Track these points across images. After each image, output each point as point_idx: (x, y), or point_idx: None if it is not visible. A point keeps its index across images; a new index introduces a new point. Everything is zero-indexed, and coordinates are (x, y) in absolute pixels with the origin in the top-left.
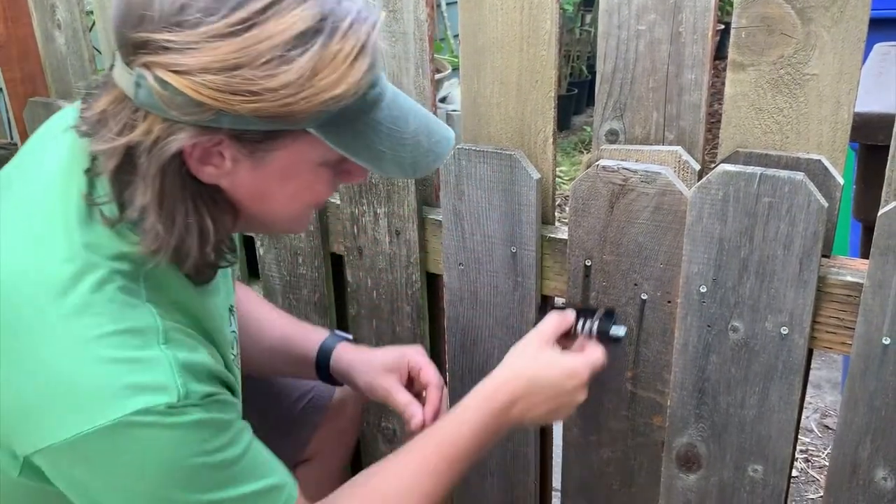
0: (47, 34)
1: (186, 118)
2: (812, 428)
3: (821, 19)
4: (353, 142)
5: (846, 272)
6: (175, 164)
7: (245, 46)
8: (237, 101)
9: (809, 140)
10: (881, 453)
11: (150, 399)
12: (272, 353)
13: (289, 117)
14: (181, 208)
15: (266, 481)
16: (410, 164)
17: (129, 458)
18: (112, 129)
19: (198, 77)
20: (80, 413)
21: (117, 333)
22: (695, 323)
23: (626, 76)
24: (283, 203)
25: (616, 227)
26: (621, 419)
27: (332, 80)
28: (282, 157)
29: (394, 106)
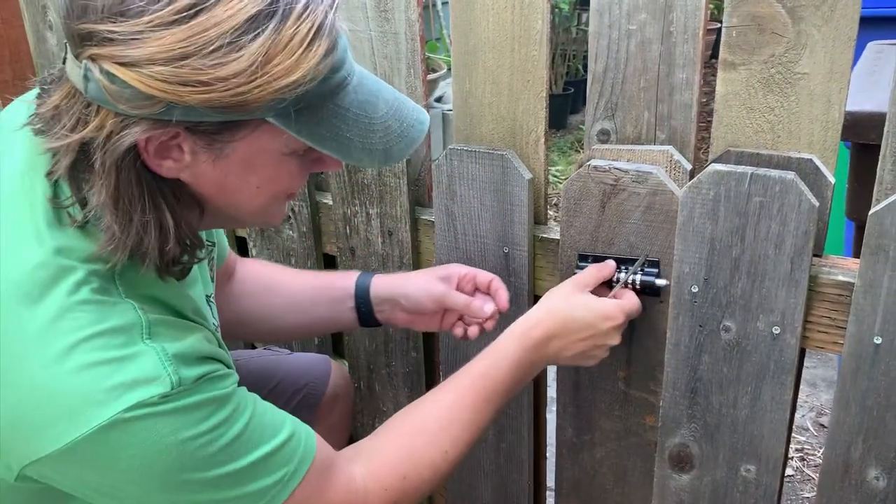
0: (39, 35)
1: (137, 112)
2: (808, 426)
3: (811, 18)
4: (316, 129)
5: (838, 271)
6: (130, 160)
7: (192, 34)
8: (187, 93)
9: (801, 139)
10: (873, 453)
11: (142, 393)
12: (308, 301)
13: (243, 107)
14: (138, 205)
15: (278, 438)
16: (382, 152)
17: (133, 452)
18: (65, 126)
19: (145, 69)
20: (71, 420)
21: (98, 335)
22: (687, 323)
23: (617, 76)
24: (248, 195)
25: (608, 227)
26: (614, 419)
27: (287, 66)
28: (242, 149)
29: (361, 90)
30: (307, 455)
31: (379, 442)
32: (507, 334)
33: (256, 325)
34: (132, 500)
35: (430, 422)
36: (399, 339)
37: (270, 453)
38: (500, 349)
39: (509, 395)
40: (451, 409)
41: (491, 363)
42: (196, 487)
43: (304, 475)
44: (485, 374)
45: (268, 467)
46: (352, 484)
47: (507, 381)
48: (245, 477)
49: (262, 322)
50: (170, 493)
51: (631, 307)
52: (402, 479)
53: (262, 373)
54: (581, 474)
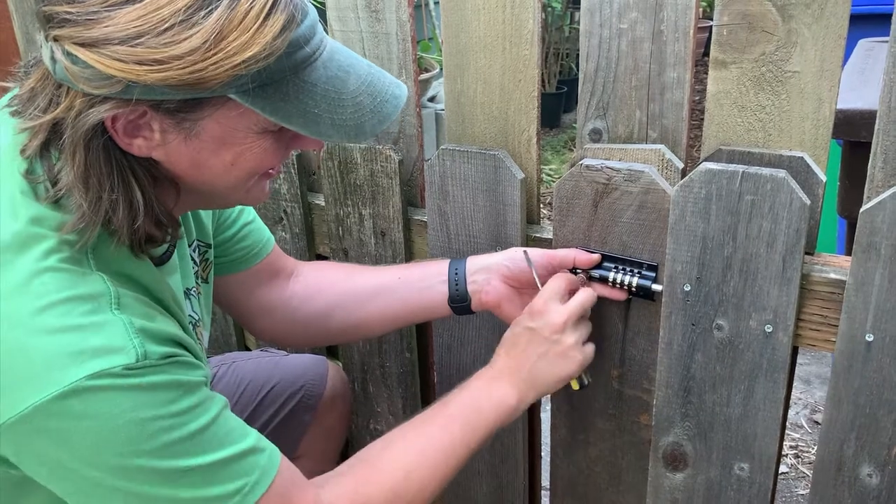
0: (28, 37)
1: (99, 91)
2: (802, 424)
3: (801, 16)
4: (282, 106)
5: (829, 269)
6: (98, 139)
7: (146, 13)
8: (144, 72)
9: (792, 137)
10: (866, 450)
11: (104, 362)
12: (394, 281)
13: (200, 84)
14: (107, 183)
15: (242, 445)
16: (353, 127)
17: (90, 423)
18: (38, 107)
19: (102, 48)
20: (31, 384)
21: (65, 301)
22: (679, 321)
23: (608, 75)
24: (222, 172)
25: (600, 226)
26: (608, 418)
27: (242, 42)
28: (212, 127)
29: (331, 64)
30: (269, 469)
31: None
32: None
33: (336, 319)
34: (86, 485)
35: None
36: (393, 340)
37: (231, 458)
38: (463, 384)
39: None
40: (412, 438)
41: (453, 395)
42: (151, 478)
43: (266, 490)
44: (446, 403)
45: (228, 473)
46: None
47: (469, 412)
48: (203, 477)
49: (343, 312)
50: (124, 479)
51: (576, 303)
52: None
53: (260, 374)
54: (576, 474)
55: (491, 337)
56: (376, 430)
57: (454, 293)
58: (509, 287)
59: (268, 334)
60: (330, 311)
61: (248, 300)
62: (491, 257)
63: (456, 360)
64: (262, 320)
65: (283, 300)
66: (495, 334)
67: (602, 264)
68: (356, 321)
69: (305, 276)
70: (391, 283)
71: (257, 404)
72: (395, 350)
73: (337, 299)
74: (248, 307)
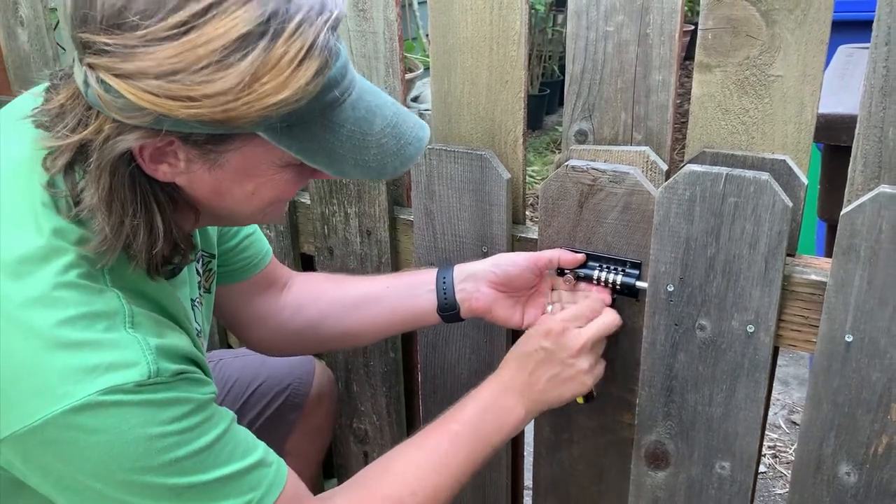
0: (9, 31)
1: (129, 121)
2: (780, 424)
3: (785, 21)
4: (308, 144)
5: (811, 271)
6: (124, 164)
7: (183, 51)
8: (176, 107)
9: (775, 140)
10: (845, 449)
11: (117, 377)
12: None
13: (230, 122)
14: (130, 208)
15: (249, 459)
16: (375, 168)
17: (100, 438)
18: (67, 125)
19: (137, 81)
20: (44, 396)
21: (81, 317)
22: (662, 321)
23: (594, 77)
24: (244, 200)
25: (585, 227)
26: (591, 417)
27: (275, 85)
28: (236, 159)
29: (359, 105)
30: (277, 483)
31: (348, 487)
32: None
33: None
34: (91, 497)
35: (394, 464)
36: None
37: (239, 473)
38: (471, 393)
39: (483, 440)
40: (415, 452)
41: (458, 406)
42: (158, 493)
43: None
44: (451, 416)
45: (235, 487)
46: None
47: (474, 423)
48: (210, 493)
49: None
50: (130, 494)
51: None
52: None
53: (246, 372)
54: (558, 473)
55: (475, 336)
56: (359, 429)
57: (442, 301)
58: (498, 292)
59: (260, 343)
60: (321, 319)
61: (242, 310)
62: (477, 264)
63: (440, 358)
64: (256, 330)
65: (276, 310)
66: (479, 333)
67: (587, 263)
68: (346, 330)
69: (299, 287)
70: (380, 292)
71: (244, 402)
72: (379, 349)
73: (327, 308)
74: (243, 317)
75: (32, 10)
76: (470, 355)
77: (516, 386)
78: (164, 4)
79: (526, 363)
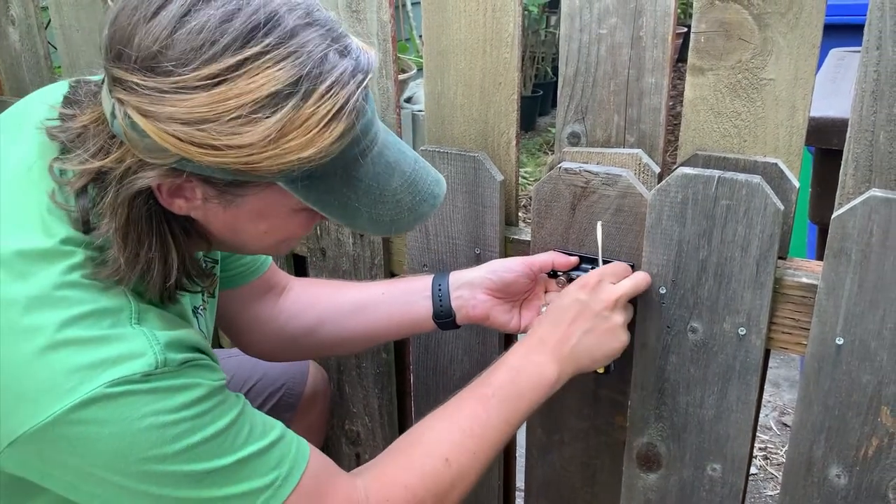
0: (0, 30)
1: (152, 160)
2: (770, 426)
3: (777, 25)
4: (325, 197)
5: (802, 274)
6: (143, 197)
7: (213, 102)
8: (199, 154)
9: (766, 144)
10: (835, 451)
11: (124, 369)
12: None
13: (251, 172)
14: (146, 240)
15: (268, 438)
16: (388, 223)
17: (113, 430)
18: (88, 150)
19: (164, 124)
20: (52, 394)
21: (86, 315)
22: (654, 324)
23: (587, 80)
24: (254, 238)
25: (578, 229)
26: (584, 418)
27: (301, 143)
28: (253, 202)
29: (379, 160)
30: (300, 460)
31: (379, 459)
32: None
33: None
34: (112, 490)
35: (427, 432)
36: None
37: (258, 453)
38: (501, 358)
39: (517, 401)
40: (447, 418)
41: (489, 371)
42: (178, 481)
43: (299, 481)
44: (482, 381)
45: (257, 468)
46: (352, 492)
47: (506, 387)
48: (230, 476)
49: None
50: (149, 483)
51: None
52: (404, 489)
53: (241, 372)
54: (550, 474)
55: (468, 338)
56: (351, 430)
57: (438, 309)
58: (495, 298)
59: (256, 348)
60: (317, 325)
61: (240, 314)
62: (473, 272)
63: (433, 360)
64: (252, 335)
65: (273, 315)
66: (472, 335)
67: (580, 266)
68: (341, 335)
69: (296, 292)
70: (375, 298)
71: None
72: (371, 350)
73: (324, 314)
74: (240, 321)
75: (24, 9)
76: (462, 357)
77: (549, 342)
78: (200, 55)
79: (561, 318)
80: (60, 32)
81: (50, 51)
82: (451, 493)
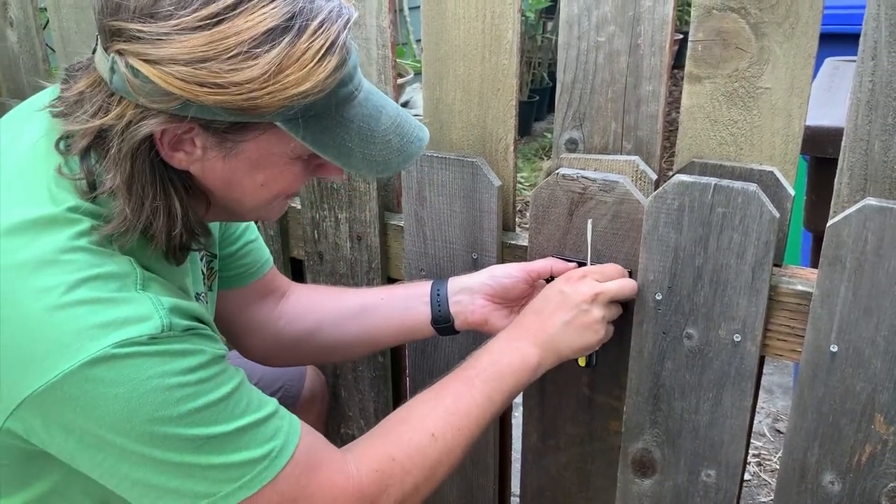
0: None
1: (155, 105)
2: (764, 432)
3: (773, 34)
4: (321, 137)
5: (797, 281)
6: (145, 149)
7: (213, 41)
8: (203, 93)
9: (762, 152)
10: (829, 458)
11: (131, 331)
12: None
13: (254, 111)
14: (150, 191)
15: (264, 411)
16: (381, 162)
17: (118, 391)
18: (87, 112)
19: (166, 67)
20: (59, 353)
21: (93, 278)
22: (650, 330)
23: (585, 87)
24: (252, 192)
25: (575, 235)
26: (579, 424)
27: (298, 77)
28: (251, 149)
29: (367, 104)
30: (293, 434)
31: (367, 435)
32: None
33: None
34: (115, 453)
35: (413, 410)
36: None
37: (256, 423)
38: (485, 345)
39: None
40: (432, 399)
41: (473, 356)
42: (178, 445)
43: (293, 454)
44: (466, 364)
45: (254, 438)
46: (343, 465)
47: (489, 368)
48: (229, 443)
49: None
50: (152, 446)
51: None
52: (390, 461)
53: None
54: (546, 479)
55: (464, 341)
56: (347, 434)
57: (437, 314)
58: (493, 304)
59: (255, 352)
60: (316, 329)
61: (239, 317)
62: (472, 277)
63: (429, 364)
64: (251, 338)
65: (272, 319)
66: (468, 339)
67: None
68: (340, 340)
69: (296, 297)
70: (375, 303)
71: None
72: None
73: (322, 318)
74: (239, 324)
75: (22, 11)
76: (459, 360)
77: (531, 329)
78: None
79: (543, 307)
80: (59, 34)
81: (48, 53)
82: (437, 469)
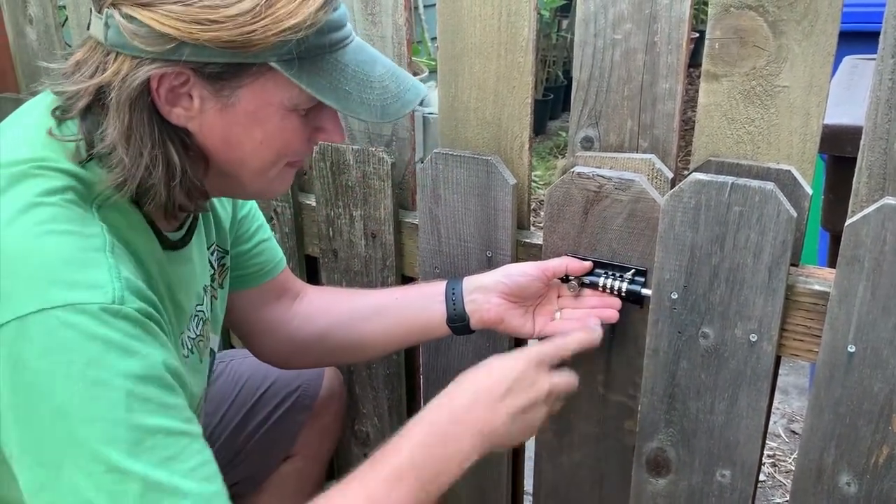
0: (18, 29)
1: (150, 49)
2: (779, 433)
3: (792, 33)
4: (317, 79)
5: (814, 281)
6: (143, 100)
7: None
8: (197, 30)
9: (780, 150)
10: (845, 459)
11: (84, 295)
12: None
13: (248, 46)
14: (148, 142)
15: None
16: (379, 107)
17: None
18: (85, 74)
19: (159, 8)
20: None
21: (61, 232)
22: (666, 329)
23: (601, 84)
24: (252, 150)
25: (590, 233)
26: (593, 423)
27: (289, 10)
28: (248, 97)
29: (361, 51)
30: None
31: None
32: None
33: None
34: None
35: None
36: None
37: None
38: (422, 413)
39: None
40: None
41: (392, 442)
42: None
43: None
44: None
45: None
46: None
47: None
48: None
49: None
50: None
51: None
52: None
53: (257, 373)
54: (559, 477)
55: (478, 340)
56: (361, 431)
57: (452, 313)
58: (509, 303)
59: (269, 354)
60: (329, 330)
61: (252, 318)
62: (487, 276)
63: (443, 361)
64: (264, 339)
65: (285, 320)
66: (482, 337)
67: (592, 270)
68: (355, 340)
69: (310, 299)
70: (389, 303)
71: (254, 402)
72: None
73: (337, 319)
74: (252, 325)
75: (42, 8)
76: (472, 358)
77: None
78: None
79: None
80: (77, 31)
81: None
82: None
